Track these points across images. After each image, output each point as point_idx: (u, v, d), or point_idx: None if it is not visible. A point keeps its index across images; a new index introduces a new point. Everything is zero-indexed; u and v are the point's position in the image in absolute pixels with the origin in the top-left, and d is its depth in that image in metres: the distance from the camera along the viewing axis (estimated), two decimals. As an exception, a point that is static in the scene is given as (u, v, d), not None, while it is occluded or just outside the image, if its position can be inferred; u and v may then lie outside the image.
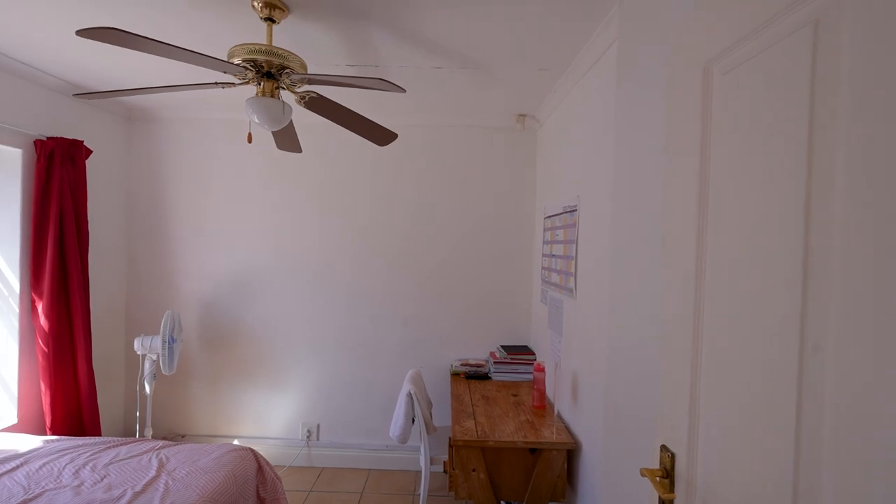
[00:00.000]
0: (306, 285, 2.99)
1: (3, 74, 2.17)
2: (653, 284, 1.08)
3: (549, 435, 2.00)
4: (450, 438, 1.98)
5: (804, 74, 0.57)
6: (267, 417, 3.01)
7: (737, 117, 0.68)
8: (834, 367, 0.52)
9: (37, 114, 2.36)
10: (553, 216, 2.52)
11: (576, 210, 2.12)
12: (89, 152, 2.53)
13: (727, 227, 0.71)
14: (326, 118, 1.84)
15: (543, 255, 2.73)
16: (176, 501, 1.55)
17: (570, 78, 2.14)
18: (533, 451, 1.99)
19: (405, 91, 1.46)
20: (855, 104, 0.50)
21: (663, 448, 0.82)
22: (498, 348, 2.92)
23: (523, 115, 2.88)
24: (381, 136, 1.98)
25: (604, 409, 1.47)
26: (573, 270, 2.11)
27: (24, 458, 1.80)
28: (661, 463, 0.81)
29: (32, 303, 2.35)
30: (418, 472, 2.87)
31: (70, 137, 2.47)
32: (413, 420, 2.32)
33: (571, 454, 2.03)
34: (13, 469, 1.72)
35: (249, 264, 2.99)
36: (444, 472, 2.41)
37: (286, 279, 2.99)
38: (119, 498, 1.56)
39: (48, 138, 2.35)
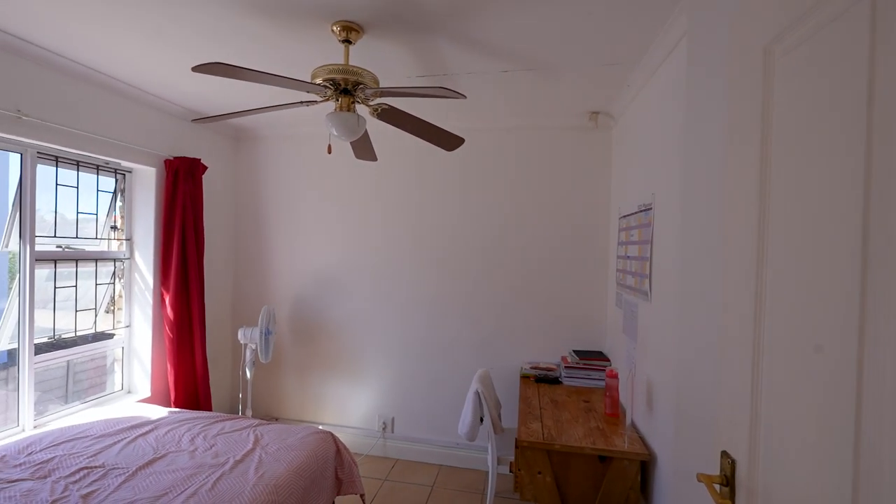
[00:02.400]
0: (384, 285, 3.18)
1: (141, 106, 2.64)
2: (719, 284, 1.00)
3: (621, 444, 1.92)
4: (516, 439, 1.99)
5: (862, 51, 0.52)
6: (347, 407, 3.25)
7: (798, 101, 0.63)
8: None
9: (165, 137, 2.82)
10: (628, 216, 2.41)
11: (651, 208, 2.01)
12: (205, 168, 2.96)
13: (789, 219, 0.66)
14: (397, 127, 1.97)
15: (618, 256, 2.61)
16: (267, 472, 1.76)
17: (643, 72, 2.05)
18: (603, 459, 1.92)
19: (466, 97, 1.52)
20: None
21: (724, 454, 0.76)
22: (570, 353, 2.85)
23: (596, 113, 2.79)
24: (449, 141, 2.07)
25: (674, 416, 1.38)
26: (648, 272, 2.01)
27: (155, 425, 2.16)
28: (721, 469, 0.76)
29: (161, 296, 2.80)
30: (487, 472, 2.89)
31: (190, 156, 2.91)
32: (481, 419, 2.36)
33: (646, 466, 1.92)
34: (147, 432, 2.07)
35: (334, 265, 3.26)
36: (511, 472, 2.41)
37: (365, 279, 3.20)
38: (224, 464, 1.81)
39: (174, 158, 2.79)
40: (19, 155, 2.18)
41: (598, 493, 1.91)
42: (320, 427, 2.24)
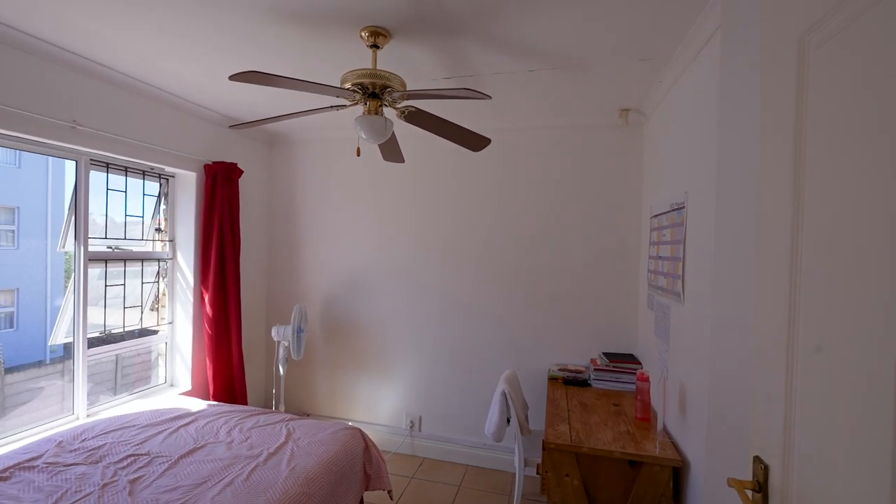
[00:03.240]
0: (412, 285, 3.22)
1: (183, 114, 2.78)
2: (753, 284, 0.97)
3: (652, 449, 1.87)
4: (543, 441, 1.97)
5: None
6: (376, 405, 3.30)
7: (834, 93, 0.60)
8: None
9: (205, 143, 2.96)
10: (659, 215, 2.35)
11: (683, 207, 1.95)
12: (241, 172, 3.09)
13: (825, 217, 0.63)
14: (424, 129, 2.00)
15: (650, 257, 2.55)
16: (299, 464, 1.83)
17: (675, 67, 1.99)
18: (633, 463, 1.88)
19: (490, 98, 1.53)
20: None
21: (756, 459, 0.74)
22: (599, 355, 2.80)
23: (626, 110, 2.73)
24: (475, 141, 2.08)
25: (707, 421, 1.34)
26: (681, 273, 1.95)
27: (195, 416, 2.27)
28: (753, 475, 0.73)
29: (201, 294, 2.94)
30: (514, 474, 2.87)
31: (228, 161, 3.04)
32: (508, 420, 2.35)
33: (679, 473, 1.87)
34: (188, 423, 2.18)
35: (362, 265, 3.33)
36: (538, 474, 2.39)
37: (394, 279, 3.25)
38: (258, 455, 1.89)
39: (213, 163, 2.93)
40: (74, 162, 2.34)
41: (627, 498, 1.87)
42: (350, 423, 2.30)
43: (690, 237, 1.86)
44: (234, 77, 1.44)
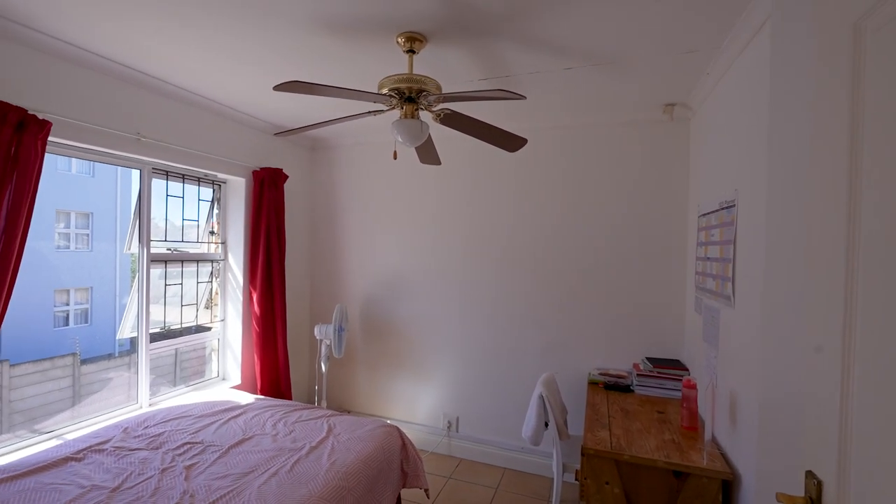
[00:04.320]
0: (450, 286, 3.24)
1: (233, 123, 2.95)
2: (808, 286, 0.90)
3: (699, 460, 1.78)
4: (582, 447, 1.93)
5: None
6: (413, 404, 3.35)
7: (894, 81, 0.55)
8: None
9: (252, 150, 3.12)
10: (708, 214, 2.23)
11: (734, 205, 1.85)
12: (286, 177, 3.23)
13: (884, 214, 0.58)
14: (460, 131, 2.01)
15: (697, 258, 2.43)
16: (339, 459, 1.89)
17: (723, 58, 1.89)
18: (678, 474, 1.79)
19: (525, 98, 1.52)
20: None
21: (809, 474, 0.68)
22: (643, 360, 2.69)
23: (671, 105, 2.62)
24: (511, 142, 2.06)
25: (758, 431, 1.26)
26: (731, 275, 1.84)
27: (244, 409, 2.39)
28: (805, 491, 0.68)
29: (250, 294, 3.10)
30: (552, 479, 2.82)
31: (273, 167, 3.20)
32: (546, 424, 2.31)
33: (729, 487, 1.77)
34: (237, 415, 2.31)
35: (402, 266, 3.39)
36: (576, 481, 2.34)
37: (432, 280, 3.28)
38: (301, 448, 1.97)
39: (260, 168, 3.08)
40: (139, 171, 2.54)
41: (672, 510, 1.79)
42: (388, 421, 2.34)
43: (741, 237, 1.76)
44: (278, 87, 1.52)
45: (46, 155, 1.87)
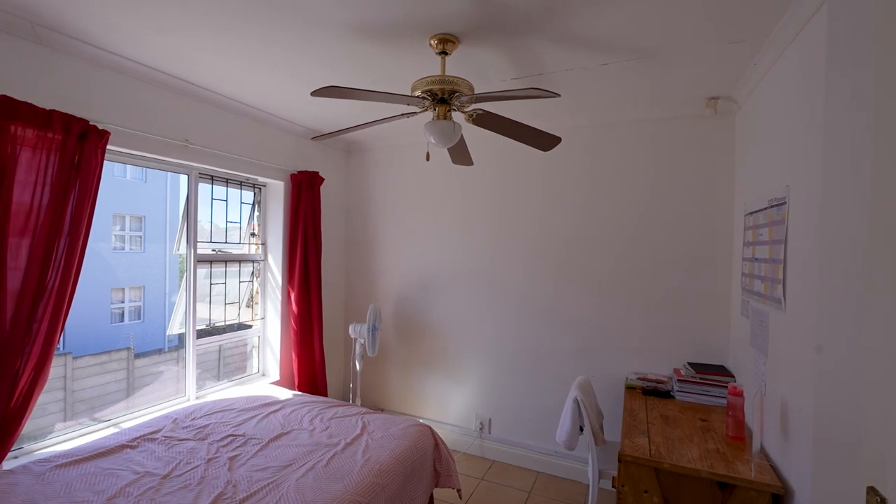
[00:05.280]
0: (482, 287, 3.23)
1: (272, 129, 3.06)
2: (870, 289, 0.83)
3: (747, 471, 1.69)
4: (619, 453, 1.87)
5: None
6: (446, 404, 3.35)
7: None
8: None
9: (290, 154, 3.23)
10: (756, 212, 2.12)
11: (784, 203, 1.74)
12: (322, 180, 3.32)
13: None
14: (493, 131, 2.00)
15: (744, 258, 2.30)
16: (373, 456, 1.92)
17: (773, 47, 1.79)
18: (723, 486, 1.71)
19: (559, 96, 1.49)
20: None
21: (871, 491, 0.63)
22: (684, 365, 2.58)
23: (715, 98, 2.50)
24: (545, 141, 2.03)
25: (812, 444, 1.18)
26: (781, 276, 1.74)
27: (283, 405, 2.48)
28: (868, 509, 0.63)
29: (288, 293, 3.20)
30: (587, 485, 2.75)
31: (310, 170, 3.29)
32: (581, 429, 2.26)
33: (780, 501, 1.66)
34: (276, 410, 2.39)
35: (434, 267, 3.41)
36: (613, 488, 2.27)
37: (465, 281, 3.28)
38: (336, 444, 2.01)
39: (298, 172, 3.18)
40: (186, 176, 2.68)
41: (717, 523, 1.71)
42: (420, 421, 2.36)
43: (793, 236, 1.65)
44: (315, 93, 1.56)
45: (104, 162, 2.01)
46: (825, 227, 1.19)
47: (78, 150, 1.88)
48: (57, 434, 2.14)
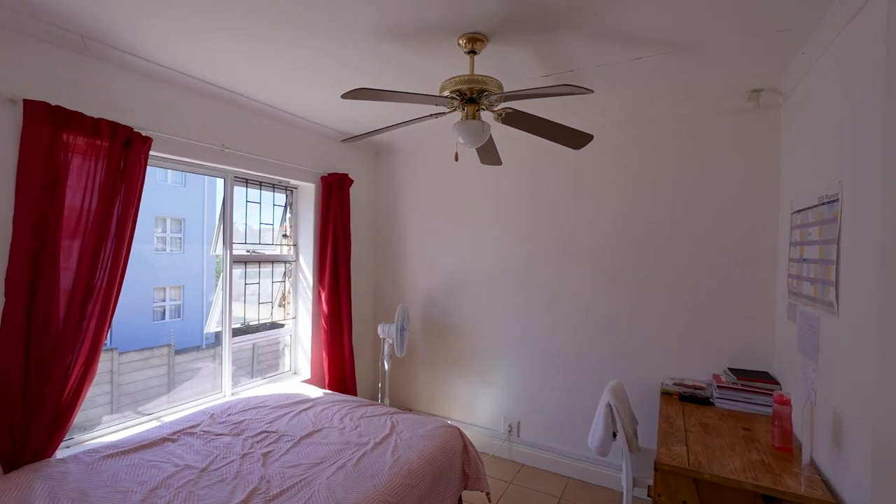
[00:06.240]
0: (510, 287, 3.19)
1: (303, 132, 3.13)
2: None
3: (795, 485, 1.59)
4: (655, 461, 1.80)
5: None
6: (474, 406, 3.33)
7: None
8: None
9: (321, 157, 3.29)
10: (804, 210, 2.00)
11: (836, 200, 1.64)
12: (351, 182, 3.36)
13: None
14: (522, 130, 1.97)
15: (790, 259, 2.18)
16: (402, 456, 1.92)
17: (823, 34, 1.68)
18: (769, 500, 1.61)
19: (592, 92, 1.45)
20: None
21: None
22: (724, 371, 2.47)
23: (758, 91, 2.38)
24: (576, 139, 1.99)
25: (871, 459, 1.09)
26: (833, 278, 1.63)
27: (313, 403, 2.52)
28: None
29: (318, 293, 3.26)
30: (621, 493, 2.67)
31: (340, 172, 3.34)
32: (614, 434, 2.20)
33: (832, 518, 1.56)
34: (308, 408, 2.44)
35: (463, 267, 3.39)
36: (649, 497, 2.19)
37: (494, 282, 3.26)
38: (366, 444, 2.03)
39: (328, 174, 3.24)
40: (223, 180, 2.78)
41: (762, 539, 1.61)
42: (448, 422, 2.35)
43: (847, 235, 1.55)
44: (346, 95, 1.58)
45: (147, 167, 2.10)
46: (888, 225, 1.10)
47: (123, 156, 1.97)
48: (105, 426, 2.25)
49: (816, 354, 1.76)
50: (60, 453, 1.92)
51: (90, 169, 1.87)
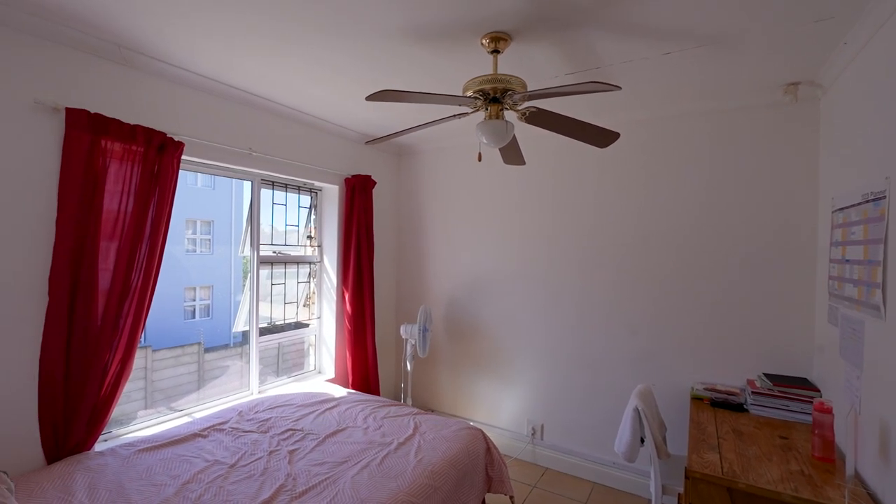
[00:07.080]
0: (533, 288, 3.15)
1: (328, 135, 3.17)
2: None
3: (839, 498, 1.51)
4: (686, 469, 1.74)
5: None
6: (496, 408, 3.31)
7: None
8: None
9: (345, 159, 3.32)
10: (846, 208, 1.90)
11: (883, 197, 1.55)
12: (374, 183, 3.39)
13: None
14: (546, 129, 1.94)
15: (832, 260, 2.07)
16: (425, 457, 1.92)
17: (867, 23, 1.59)
18: (809, 512, 1.54)
19: (620, 88, 1.41)
20: None
21: None
22: (759, 376, 2.37)
23: (795, 84, 2.28)
24: (602, 137, 1.94)
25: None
26: (879, 280, 1.54)
27: (337, 402, 2.55)
28: None
29: (342, 293, 3.30)
30: (649, 501, 2.60)
31: (363, 174, 3.37)
32: (642, 440, 2.14)
33: (880, 534, 1.47)
34: (332, 407, 2.47)
35: (485, 268, 3.37)
36: (680, 505, 2.12)
37: (515, 282, 3.22)
38: (389, 444, 2.04)
39: (352, 176, 3.27)
40: (250, 182, 2.84)
41: (802, 553, 1.54)
42: (471, 423, 2.34)
43: (895, 234, 1.46)
44: (370, 97, 1.59)
45: (179, 171, 2.16)
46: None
47: (157, 160, 2.04)
48: (140, 420, 2.34)
49: (861, 361, 1.67)
50: (99, 446, 2.00)
51: (126, 173, 1.94)
